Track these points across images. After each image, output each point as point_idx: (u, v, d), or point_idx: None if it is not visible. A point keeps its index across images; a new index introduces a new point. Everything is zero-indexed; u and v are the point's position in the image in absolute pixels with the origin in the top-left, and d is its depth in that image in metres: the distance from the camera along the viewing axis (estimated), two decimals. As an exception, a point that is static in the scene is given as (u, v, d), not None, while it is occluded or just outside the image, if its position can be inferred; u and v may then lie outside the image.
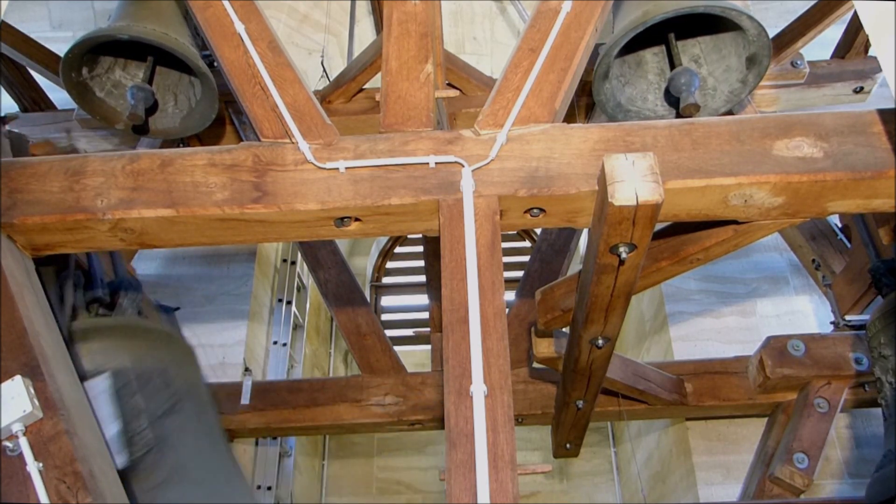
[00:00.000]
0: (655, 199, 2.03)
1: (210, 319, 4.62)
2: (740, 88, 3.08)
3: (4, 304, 2.18)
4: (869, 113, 2.34)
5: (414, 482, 6.27)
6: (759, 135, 2.32)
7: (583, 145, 2.36)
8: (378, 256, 7.79)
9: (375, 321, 4.35)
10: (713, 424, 4.07)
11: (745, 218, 2.42)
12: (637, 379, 3.59)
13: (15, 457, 1.96)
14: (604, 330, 2.71)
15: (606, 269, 2.32)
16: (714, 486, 3.93)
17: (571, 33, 2.59)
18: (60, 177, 2.40)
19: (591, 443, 6.05)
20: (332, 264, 4.50)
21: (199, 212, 2.34)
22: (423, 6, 2.75)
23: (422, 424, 4.04)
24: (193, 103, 3.48)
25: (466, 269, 2.13)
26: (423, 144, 2.42)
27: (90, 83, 3.37)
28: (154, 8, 3.28)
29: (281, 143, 2.46)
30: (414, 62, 2.63)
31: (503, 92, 2.50)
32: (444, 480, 1.87)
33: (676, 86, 2.94)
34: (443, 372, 2.03)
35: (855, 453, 3.91)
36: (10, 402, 1.99)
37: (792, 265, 4.53)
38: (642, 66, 3.24)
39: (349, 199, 2.32)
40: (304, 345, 5.64)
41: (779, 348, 3.60)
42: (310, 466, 5.74)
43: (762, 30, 2.88)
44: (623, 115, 3.17)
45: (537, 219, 2.39)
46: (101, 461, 2.11)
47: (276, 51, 2.65)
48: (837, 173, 2.24)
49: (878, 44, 1.84)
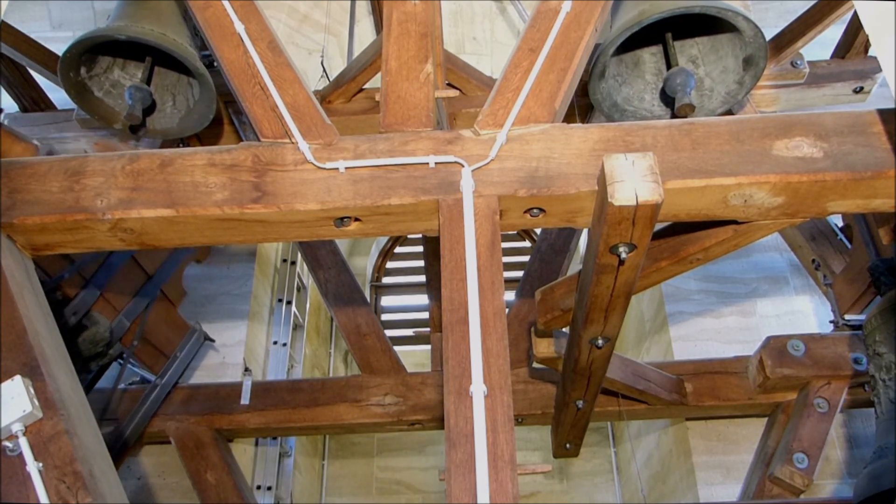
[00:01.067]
0: (655, 199, 2.03)
1: (210, 319, 4.62)
2: (737, 89, 3.07)
3: (4, 304, 2.18)
4: (869, 113, 2.34)
5: (414, 482, 6.27)
6: (759, 135, 2.32)
7: (582, 145, 2.36)
8: (378, 256, 7.79)
9: (375, 321, 4.35)
10: (713, 424, 4.07)
11: (744, 218, 2.42)
12: (637, 379, 3.59)
13: (15, 457, 1.97)
14: (604, 330, 2.71)
15: (606, 269, 2.32)
16: (714, 486, 3.93)
17: (571, 33, 2.59)
18: (60, 177, 2.40)
19: (591, 443, 6.05)
20: (332, 264, 4.50)
21: (198, 212, 2.34)
22: (423, 6, 2.75)
23: (422, 424, 4.04)
24: (191, 104, 3.48)
25: (466, 269, 2.13)
26: (423, 144, 2.42)
27: (89, 83, 3.37)
28: (153, 8, 3.27)
29: (281, 143, 2.46)
30: (414, 62, 2.63)
31: (503, 92, 2.50)
32: (444, 480, 1.87)
33: (672, 86, 2.94)
34: (443, 372, 2.03)
35: (854, 453, 3.91)
36: (10, 402, 1.99)
37: (792, 265, 4.53)
38: (640, 66, 3.24)
39: (349, 199, 2.32)
40: (304, 345, 5.65)
41: (779, 348, 3.60)
42: (310, 466, 5.73)
43: (758, 31, 2.87)
44: (619, 114, 3.17)
45: (537, 219, 2.39)
46: (101, 461, 2.11)
47: (275, 51, 2.65)
48: (837, 173, 2.24)
49: (878, 44, 1.84)
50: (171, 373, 3.99)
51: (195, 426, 3.99)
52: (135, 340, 3.78)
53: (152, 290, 3.85)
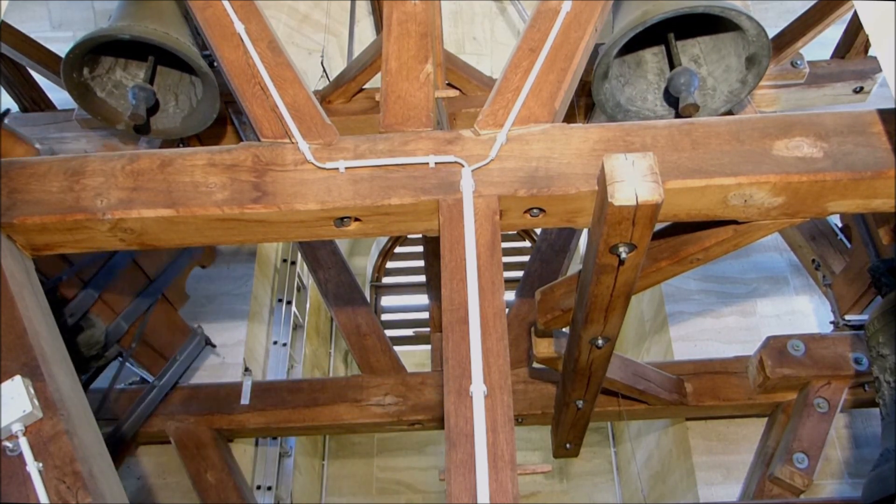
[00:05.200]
0: (655, 199, 2.03)
1: (210, 319, 4.62)
2: (740, 88, 3.07)
3: (4, 304, 2.18)
4: (869, 113, 2.34)
5: (414, 482, 6.27)
6: (759, 135, 2.32)
7: (583, 145, 2.36)
8: (378, 256, 7.79)
9: (375, 321, 4.35)
10: (713, 424, 4.07)
11: (744, 218, 2.42)
12: (637, 379, 3.59)
13: (15, 457, 1.97)
14: (604, 330, 2.71)
15: (606, 269, 2.32)
16: (714, 486, 3.93)
17: (571, 33, 2.59)
18: (60, 177, 2.40)
19: (591, 443, 6.05)
20: (332, 264, 4.50)
21: (198, 212, 2.34)
22: (423, 6, 2.75)
23: (422, 424, 4.04)
24: (194, 103, 3.48)
25: (466, 269, 2.13)
26: (423, 144, 2.42)
27: (91, 83, 3.37)
28: (154, 8, 3.28)
29: (281, 143, 2.46)
30: (414, 62, 2.63)
31: (503, 92, 2.50)
32: (444, 480, 1.87)
33: (676, 86, 2.94)
34: (443, 372, 2.03)
35: (855, 453, 3.91)
36: (10, 402, 1.99)
37: (792, 265, 4.53)
38: (642, 66, 3.24)
39: (349, 199, 2.32)
40: (304, 345, 5.64)
41: (779, 348, 3.60)
42: (310, 466, 5.73)
43: (761, 30, 2.87)
44: (622, 114, 3.17)
45: (537, 219, 2.39)
46: (101, 461, 2.11)
47: (275, 51, 2.65)
48: (837, 173, 2.24)
49: (878, 44, 1.84)
50: (169, 375, 3.99)
51: (195, 426, 3.99)
52: (133, 342, 3.79)
53: (153, 293, 3.85)
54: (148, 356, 3.96)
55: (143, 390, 3.98)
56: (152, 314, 3.86)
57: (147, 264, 3.83)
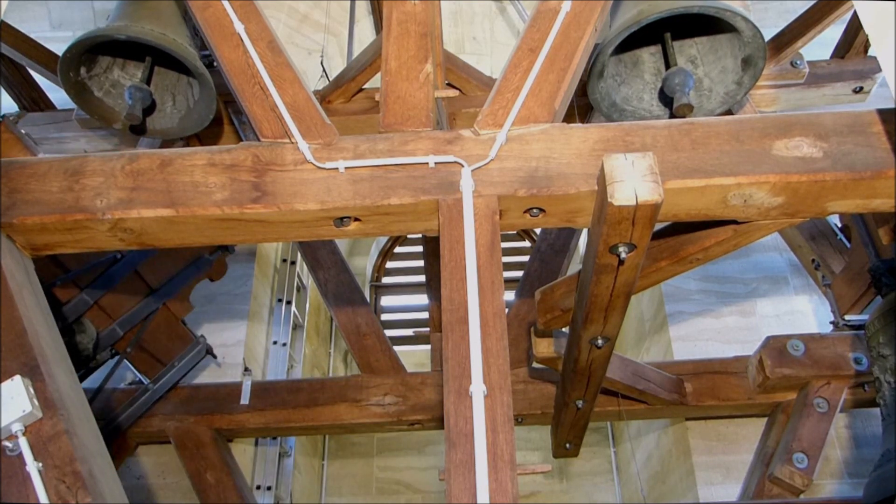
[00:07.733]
0: (655, 199, 2.03)
1: (210, 319, 4.62)
2: (736, 90, 3.07)
3: (4, 304, 2.18)
4: (868, 113, 2.34)
5: (414, 482, 6.27)
6: (759, 135, 2.32)
7: (582, 145, 2.36)
8: (378, 256, 7.79)
9: (375, 321, 4.35)
10: (713, 424, 4.07)
11: (744, 218, 2.42)
12: (637, 379, 3.59)
13: (15, 457, 1.97)
14: (603, 330, 2.71)
15: (606, 269, 2.32)
16: (714, 486, 3.93)
17: (571, 33, 2.59)
18: (60, 177, 2.40)
19: (591, 443, 6.05)
20: (331, 264, 4.50)
21: (198, 212, 2.34)
22: (423, 6, 2.75)
23: (421, 424, 4.04)
24: (191, 103, 3.48)
25: (466, 269, 2.13)
26: (423, 144, 2.42)
27: (88, 83, 3.36)
28: (153, 8, 3.27)
29: (280, 143, 2.46)
30: (413, 62, 2.63)
31: (503, 92, 2.50)
32: (444, 480, 1.87)
33: (671, 86, 2.93)
34: (442, 372, 2.03)
35: (854, 453, 3.91)
36: (10, 402, 1.99)
37: (792, 265, 4.53)
38: (639, 66, 3.23)
39: (349, 199, 2.32)
40: (304, 345, 5.65)
41: (778, 348, 3.60)
42: (310, 466, 5.74)
43: (757, 31, 2.87)
44: (618, 114, 3.16)
45: (537, 219, 2.39)
46: (101, 461, 2.11)
47: (275, 51, 2.65)
48: (837, 173, 2.24)
49: (878, 44, 1.84)
50: (165, 379, 4.00)
51: (195, 426, 3.99)
52: (128, 347, 3.80)
53: (155, 303, 3.86)
54: (145, 361, 3.97)
55: (135, 391, 3.99)
56: (153, 321, 3.87)
57: (149, 274, 3.84)
